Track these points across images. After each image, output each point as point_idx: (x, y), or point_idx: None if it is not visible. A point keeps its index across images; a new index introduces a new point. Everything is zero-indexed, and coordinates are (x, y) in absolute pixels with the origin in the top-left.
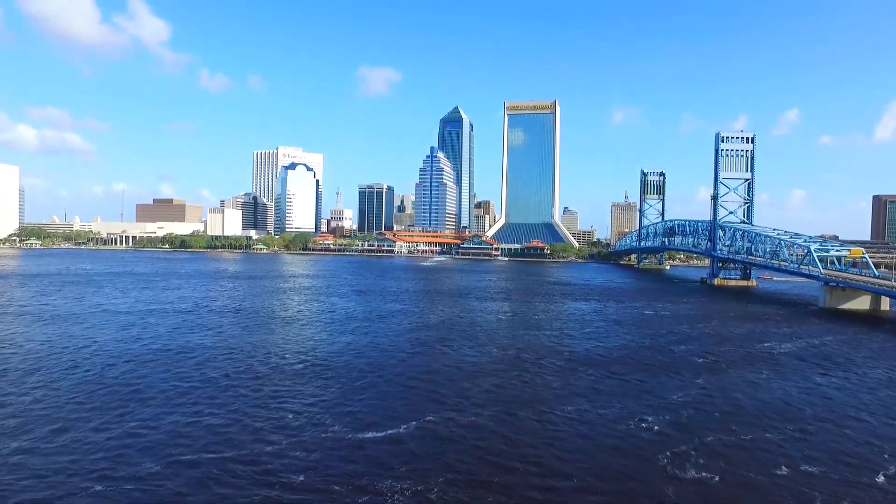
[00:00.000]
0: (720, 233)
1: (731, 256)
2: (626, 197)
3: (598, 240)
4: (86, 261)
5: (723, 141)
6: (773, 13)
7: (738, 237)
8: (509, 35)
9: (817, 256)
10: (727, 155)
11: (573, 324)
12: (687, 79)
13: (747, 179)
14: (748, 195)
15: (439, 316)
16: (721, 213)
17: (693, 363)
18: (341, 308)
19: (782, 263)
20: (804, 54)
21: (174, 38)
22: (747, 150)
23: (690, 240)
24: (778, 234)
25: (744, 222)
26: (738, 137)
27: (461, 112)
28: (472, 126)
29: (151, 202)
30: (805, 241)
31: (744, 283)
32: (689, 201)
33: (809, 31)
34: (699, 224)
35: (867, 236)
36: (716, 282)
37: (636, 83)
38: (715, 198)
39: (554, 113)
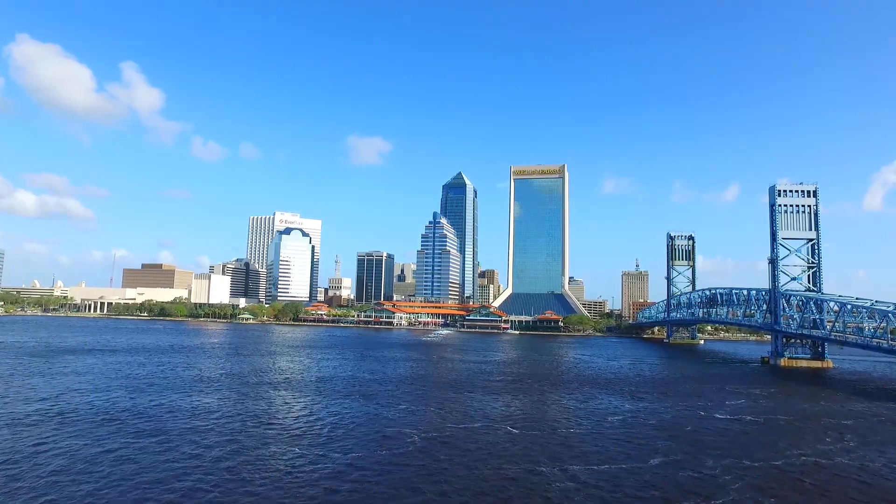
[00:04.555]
0: (783, 302)
1: (803, 332)
2: (637, 265)
3: (612, 311)
4: (16, 331)
5: (779, 195)
6: (755, 87)
7: (811, 308)
8: (504, 103)
9: None
10: (785, 211)
11: (621, 447)
12: (678, 149)
13: (811, 240)
14: (813, 258)
15: (421, 430)
16: (781, 278)
17: None
18: (282, 409)
19: (893, 343)
20: (789, 122)
21: (167, 107)
22: (810, 206)
23: (740, 310)
24: (873, 305)
25: (810, 289)
26: (796, 191)
27: (464, 178)
28: (475, 192)
29: (140, 267)
30: None
31: (817, 363)
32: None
33: (793, 101)
34: (751, 292)
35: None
36: (782, 362)
37: (628, 153)
38: (773, 261)
39: (563, 177)
